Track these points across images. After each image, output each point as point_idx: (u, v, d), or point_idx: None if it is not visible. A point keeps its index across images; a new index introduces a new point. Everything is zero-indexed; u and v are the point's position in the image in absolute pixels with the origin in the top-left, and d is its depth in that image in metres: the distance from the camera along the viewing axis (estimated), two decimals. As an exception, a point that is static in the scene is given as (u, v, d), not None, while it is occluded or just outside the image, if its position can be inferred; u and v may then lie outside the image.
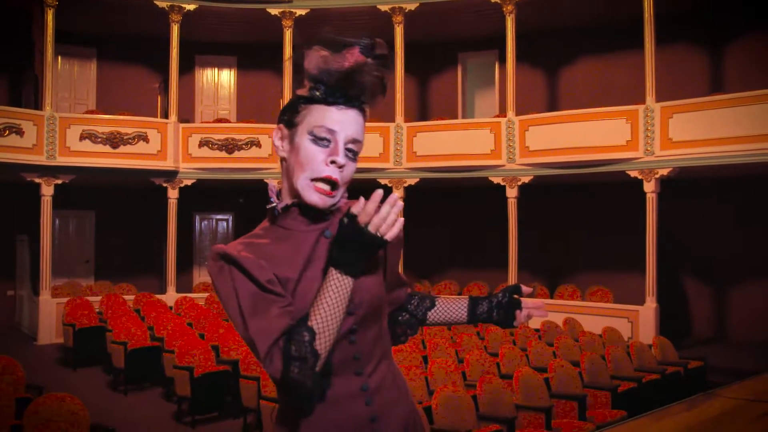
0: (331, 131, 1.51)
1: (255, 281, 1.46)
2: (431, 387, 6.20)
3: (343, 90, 1.51)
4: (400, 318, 1.83)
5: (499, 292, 1.81)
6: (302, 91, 1.56)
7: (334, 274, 1.44)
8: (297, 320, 1.44)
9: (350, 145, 1.53)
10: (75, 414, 4.80)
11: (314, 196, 1.51)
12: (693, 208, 12.16)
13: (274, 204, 1.59)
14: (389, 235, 1.41)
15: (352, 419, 1.55)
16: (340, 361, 1.53)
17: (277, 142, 1.58)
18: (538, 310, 1.81)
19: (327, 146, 1.51)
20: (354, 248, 1.42)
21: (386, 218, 1.40)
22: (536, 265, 13.54)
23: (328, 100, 1.51)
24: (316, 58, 1.51)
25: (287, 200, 1.58)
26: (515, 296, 1.79)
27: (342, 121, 1.51)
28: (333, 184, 1.51)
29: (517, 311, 1.77)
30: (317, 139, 1.51)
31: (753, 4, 11.23)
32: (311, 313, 1.43)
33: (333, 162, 1.50)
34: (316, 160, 1.51)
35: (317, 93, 1.53)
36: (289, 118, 1.56)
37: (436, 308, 1.85)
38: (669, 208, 11.30)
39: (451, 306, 1.85)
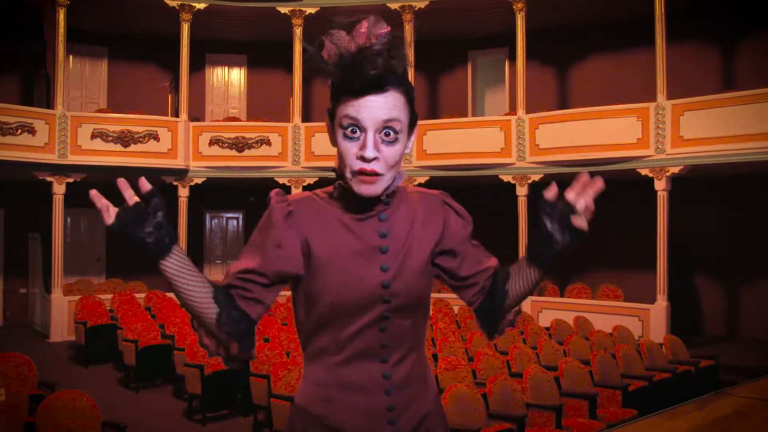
0: (356, 121, 1.46)
1: (270, 234, 1.54)
2: (441, 385, 6.18)
3: (350, 82, 1.46)
4: (487, 306, 1.69)
5: (542, 222, 1.55)
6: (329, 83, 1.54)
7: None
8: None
9: (385, 129, 1.48)
10: (87, 411, 4.83)
11: (362, 188, 1.49)
12: (704, 206, 12.09)
13: (336, 178, 1.59)
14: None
15: (368, 404, 1.55)
16: (367, 347, 1.55)
17: (328, 130, 1.56)
18: (591, 188, 1.54)
19: (357, 139, 1.48)
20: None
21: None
22: (546, 263, 13.49)
23: (346, 91, 1.47)
24: (328, 48, 1.49)
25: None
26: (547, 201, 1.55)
27: (366, 108, 1.46)
28: (373, 173, 1.48)
29: (573, 216, 1.51)
30: (347, 133, 1.48)
31: (764, 1, 11.15)
32: None
33: (363, 158, 1.47)
34: (349, 156, 1.48)
35: (332, 87, 1.51)
36: (330, 110, 1.54)
37: (510, 281, 1.67)
38: (680, 206, 11.25)
39: (520, 274, 1.65)
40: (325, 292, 1.52)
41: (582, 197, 1.53)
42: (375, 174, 1.48)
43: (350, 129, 1.47)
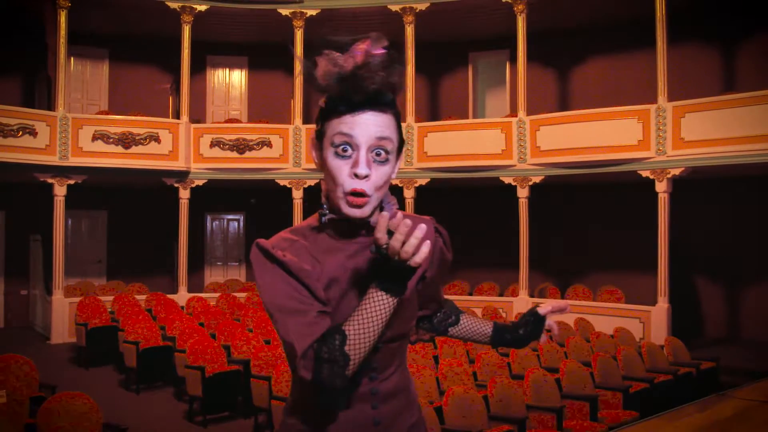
0: (349, 137, 1.46)
1: (299, 283, 1.47)
2: (442, 387, 6.19)
3: (347, 97, 1.46)
4: (420, 324, 1.88)
5: (521, 325, 1.91)
6: (321, 103, 1.53)
7: (376, 291, 1.42)
8: (333, 326, 1.45)
9: (377, 148, 1.48)
10: (88, 413, 4.83)
11: (350, 210, 1.48)
12: (705, 207, 12.09)
13: (323, 213, 1.56)
14: (414, 261, 1.34)
15: (356, 420, 1.57)
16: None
17: (313, 155, 1.57)
18: (562, 312, 1.88)
19: (349, 157, 1.47)
20: (388, 274, 1.40)
21: (404, 244, 1.33)
22: (547, 265, 13.51)
23: (339, 109, 1.47)
24: (324, 66, 1.47)
25: (330, 208, 1.55)
26: (538, 314, 1.89)
27: (359, 125, 1.46)
28: (362, 194, 1.47)
29: (542, 337, 1.92)
30: (338, 151, 1.47)
31: (765, 3, 11.15)
32: (348, 320, 1.43)
33: (355, 174, 1.46)
34: (341, 175, 1.47)
35: (326, 104, 1.50)
36: (318, 129, 1.53)
37: (458, 326, 1.92)
38: (681, 207, 11.25)
39: (474, 328, 1.92)
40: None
41: (553, 318, 1.91)
42: (363, 195, 1.46)
43: (342, 147, 1.46)
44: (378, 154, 1.48)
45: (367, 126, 1.46)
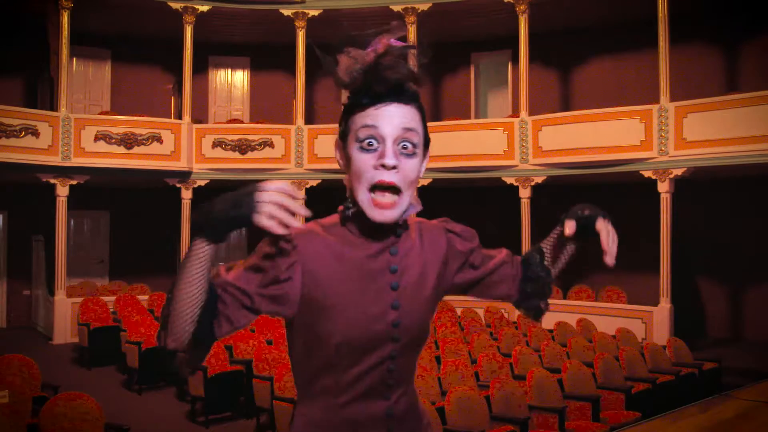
0: (374, 129, 1.40)
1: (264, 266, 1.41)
2: (444, 387, 6.19)
3: (369, 88, 1.42)
4: (528, 290, 1.69)
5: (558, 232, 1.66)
6: (344, 100, 1.49)
7: (199, 241, 1.35)
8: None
9: (403, 141, 1.42)
10: (90, 413, 4.84)
11: (376, 214, 1.41)
12: (707, 208, 12.07)
13: (348, 206, 1.48)
14: (259, 220, 1.28)
15: None
16: (372, 385, 1.50)
17: (337, 156, 1.50)
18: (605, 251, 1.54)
19: (375, 150, 1.41)
20: (224, 205, 1.36)
21: (278, 201, 1.27)
22: (549, 265, 13.48)
23: (363, 102, 1.43)
24: (346, 62, 1.43)
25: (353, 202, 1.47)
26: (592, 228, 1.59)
27: (383, 116, 1.41)
28: (390, 188, 1.40)
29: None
30: (364, 145, 1.41)
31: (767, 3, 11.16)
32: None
33: (382, 165, 1.40)
34: (366, 167, 1.40)
35: (349, 99, 1.46)
36: (341, 129, 1.48)
37: (554, 269, 1.72)
38: (683, 208, 11.23)
39: (558, 262, 1.72)
40: (332, 334, 1.44)
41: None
42: (393, 188, 1.40)
43: (367, 141, 1.41)
44: (405, 147, 1.43)
45: (391, 117, 1.42)
